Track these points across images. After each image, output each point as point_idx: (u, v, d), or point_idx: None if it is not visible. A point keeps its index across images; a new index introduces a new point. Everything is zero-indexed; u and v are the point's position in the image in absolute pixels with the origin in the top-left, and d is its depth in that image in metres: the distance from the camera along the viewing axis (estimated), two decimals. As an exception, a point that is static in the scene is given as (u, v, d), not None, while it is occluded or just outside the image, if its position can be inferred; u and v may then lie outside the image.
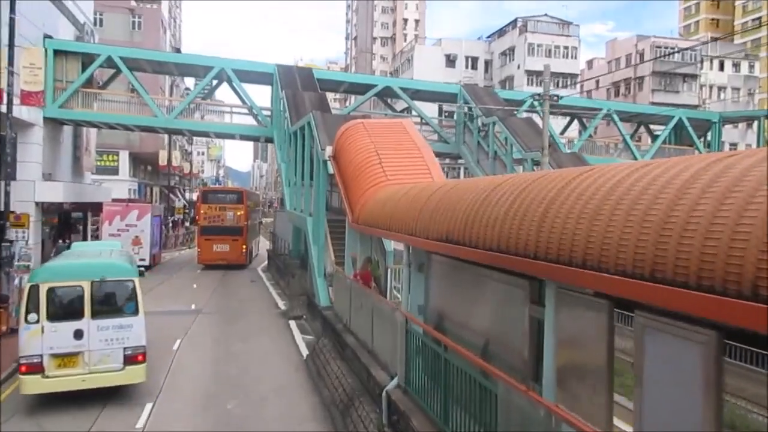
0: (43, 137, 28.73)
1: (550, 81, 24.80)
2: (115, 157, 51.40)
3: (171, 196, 64.63)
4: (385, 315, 9.65)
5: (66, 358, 10.73)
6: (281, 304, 22.13)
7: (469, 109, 31.59)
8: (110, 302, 11.51)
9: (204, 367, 13.72)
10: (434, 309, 8.70)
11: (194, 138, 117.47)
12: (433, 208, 7.83)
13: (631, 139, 36.49)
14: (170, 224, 55.75)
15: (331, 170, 16.08)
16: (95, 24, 45.33)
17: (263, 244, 50.02)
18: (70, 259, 12.76)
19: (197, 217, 37.87)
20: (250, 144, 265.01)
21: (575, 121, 37.74)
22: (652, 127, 40.19)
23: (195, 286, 26.46)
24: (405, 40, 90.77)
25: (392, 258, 16.45)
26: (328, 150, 15.69)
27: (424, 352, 7.73)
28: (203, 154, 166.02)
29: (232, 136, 33.95)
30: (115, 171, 51.43)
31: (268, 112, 31.64)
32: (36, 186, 28.01)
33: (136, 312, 11.49)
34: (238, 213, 34.77)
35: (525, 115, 32.92)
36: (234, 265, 33.15)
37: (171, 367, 13.61)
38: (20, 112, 26.53)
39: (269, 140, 33.55)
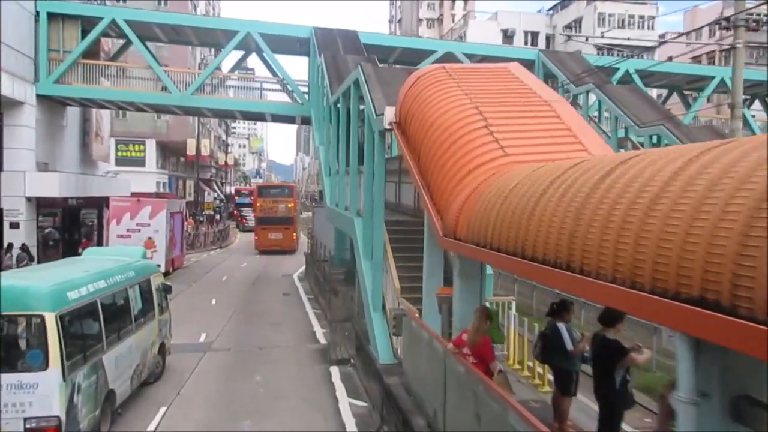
0: (36, 119, 23.88)
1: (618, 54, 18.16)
2: (142, 147, 46.91)
3: (206, 189, 60.12)
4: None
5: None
6: (320, 334, 16.48)
7: (550, 78, 25.30)
8: (6, 349, 7.58)
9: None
10: None
11: (232, 128, 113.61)
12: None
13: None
14: (200, 220, 51.07)
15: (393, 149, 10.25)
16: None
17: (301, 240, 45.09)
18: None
19: (254, 209, 43.98)
20: (293, 136, 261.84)
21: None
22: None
23: (214, 301, 21.10)
24: (453, 21, 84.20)
25: (491, 287, 10.62)
26: (389, 113, 9.85)
27: None
28: (244, 146, 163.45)
29: (262, 117, 28.57)
30: (141, 162, 46.94)
31: (305, 88, 26.07)
32: (26, 177, 23.22)
33: (44, 365, 7.41)
34: (289, 205, 40.29)
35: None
36: (266, 280, 27.77)
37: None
38: (5, 87, 21.68)
39: (305, 121, 27.96)
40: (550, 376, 8.94)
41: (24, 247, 20.52)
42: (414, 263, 11.90)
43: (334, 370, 12.83)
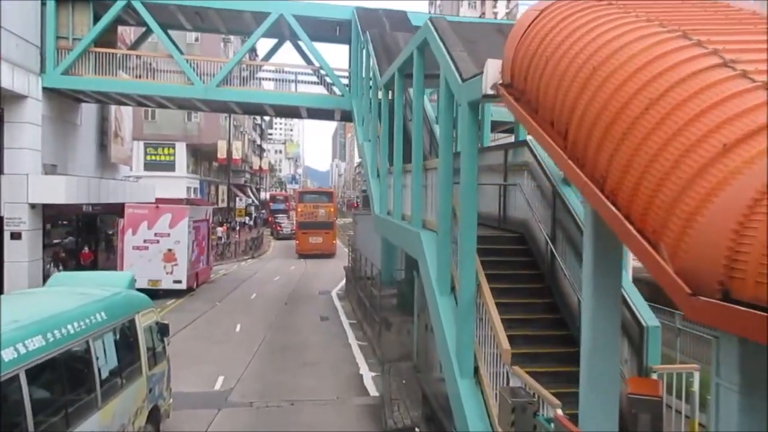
0: (42, 115, 20.99)
1: None
2: (171, 151, 44.26)
3: (239, 195, 57.39)
4: None
5: None
6: (369, 380, 12.81)
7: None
8: None
9: None
10: None
11: (268, 134, 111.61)
12: None
13: None
14: (233, 227, 48.27)
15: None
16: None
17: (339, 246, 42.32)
18: None
19: (296, 215, 45.02)
20: (328, 142, 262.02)
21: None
22: None
23: (238, 327, 17.70)
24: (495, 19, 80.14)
25: (658, 346, 6.86)
26: (492, 68, 6.10)
27: None
28: (280, 152, 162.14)
29: (296, 112, 25.21)
30: (171, 166, 44.30)
31: (344, 81, 22.67)
32: (29, 181, 20.32)
33: None
34: (329, 210, 41.29)
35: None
36: (300, 298, 24.32)
37: None
38: (4, 78, 18.81)
39: (345, 117, 24.55)
40: None
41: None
42: (519, 303, 8.20)
43: (394, 445, 9.17)
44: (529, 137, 9.38)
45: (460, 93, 7.31)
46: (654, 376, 6.11)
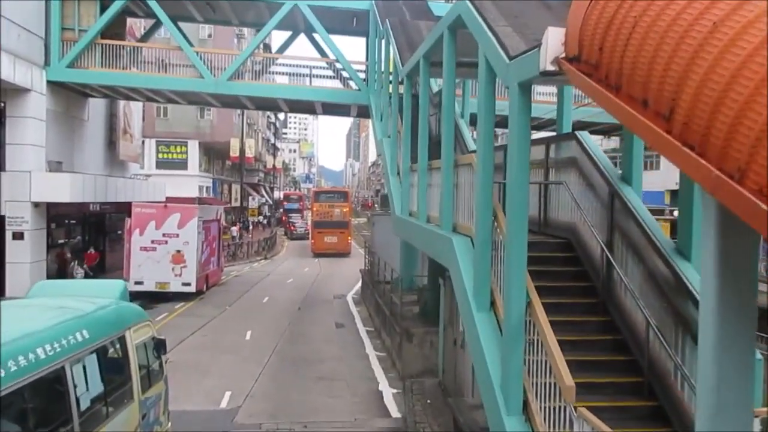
0: (47, 110, 20.10)
1: None
2: (184, 149, 43.44)
3: (252, 194, 56.53)
4: None
5: None
6: (390, 398, 11.64)
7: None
8: None
9: None
10: None
11: (282, 133, 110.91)
12: None
13: None
14: (246, 227, 47.38)
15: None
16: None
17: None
18: None
19: (311, 214, 44.46)
20: (342, 143, 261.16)
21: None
22: None
23: (249, 335, 16.63)
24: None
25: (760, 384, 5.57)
26: (553, 38, 4.90)
27: None
28: (294, 151, 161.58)
29: (311, 108, 24.12)
30: (183, 165, 43.48)
31: (362, 75, 21.58)
32: (32, 179, 19.43)
33: None
34: (344, 209, 41.20)
35: None
36: (314, 302, 23.25)
37: None
38: (4, 69, 17.92)
39: (362, 112, 23.45)
40: None
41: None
42: (569, 321, 6.99)
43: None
44: (580, 132, 8.17)
45: (507, 73, 6.12)
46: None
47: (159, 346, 8.00)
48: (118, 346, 7.00)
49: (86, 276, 22.32)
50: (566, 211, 8.68)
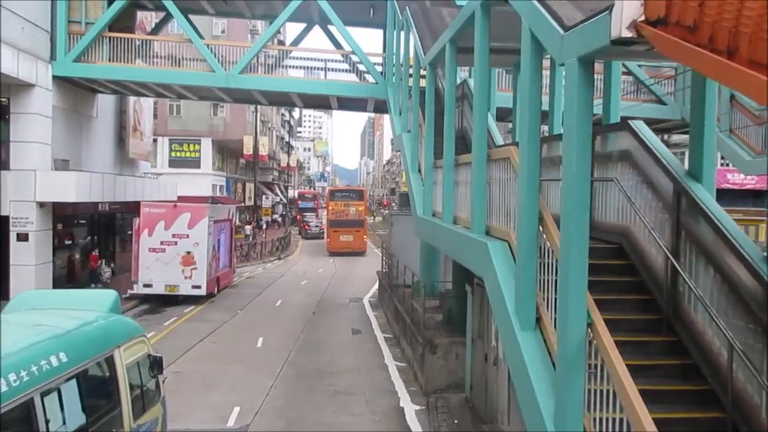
0: (53, 106, 19.35)
1: None
2: (197, 147, 42.75)
3: (266, 192, 55.79)
4: None
5: None
6: (413, 416, 10.61)
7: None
8: None
9: None
10: None
11: (297, 131, 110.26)
12: None
13: None
14: (261, 226, 46.63)
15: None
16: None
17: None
18: None
19: (327, 213, 44.12)
20: (357, 141, 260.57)
21: None
22: None
23: (260, 342, 15.72)
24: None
25: None
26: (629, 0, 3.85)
27: None
28: (309, 150, 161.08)
29: (325, 102, 23.20)
30: (196, 163, 42.81)
31: (379, 68, 20.60)
32: (37, 178, 18.69)
33: None
34: (359, 208, 41.28)
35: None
36: (330, 306, 22.31)
37: None
38: (7, 63, 17.17)
39: (379, 107, 22.49)
40: None
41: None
42: (626, 341, 5.91)
43: None
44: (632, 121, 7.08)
45: (561, 48, 5.06)
46: None
47: (155, 364, 7.09)
48: (105, 367, 6.08)
49: (113, 274, 21.86)
50: (617, 212, 7.61)
